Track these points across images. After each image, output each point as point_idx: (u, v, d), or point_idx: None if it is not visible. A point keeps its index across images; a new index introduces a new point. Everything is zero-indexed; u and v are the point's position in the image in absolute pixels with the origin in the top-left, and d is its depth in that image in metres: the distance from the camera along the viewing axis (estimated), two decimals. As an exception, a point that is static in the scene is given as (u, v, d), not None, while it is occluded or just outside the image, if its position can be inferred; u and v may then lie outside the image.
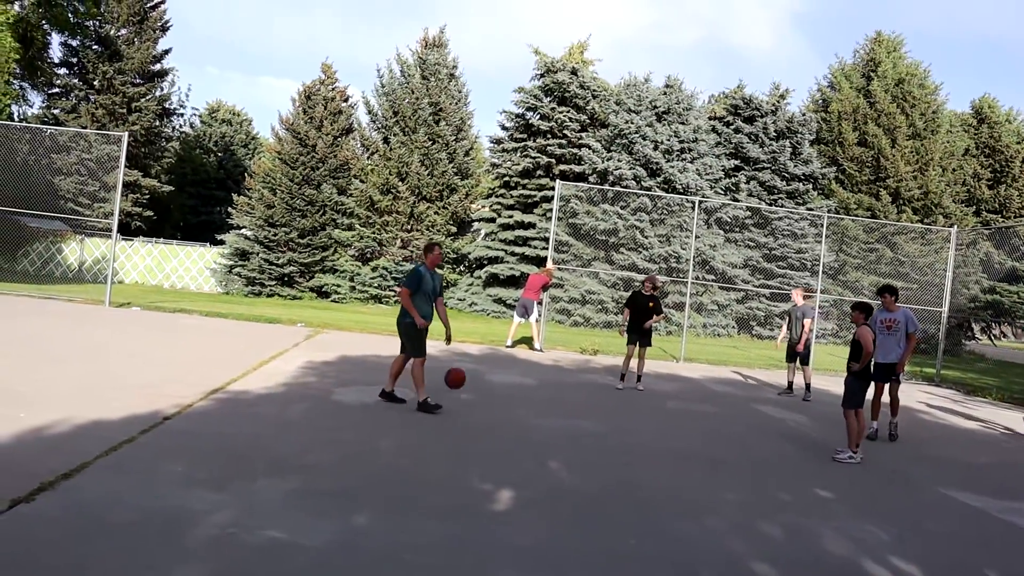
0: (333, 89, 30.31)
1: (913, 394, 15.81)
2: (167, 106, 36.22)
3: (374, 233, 27.58)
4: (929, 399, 15.26)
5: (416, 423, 8.28)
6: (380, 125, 29.09)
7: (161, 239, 34.95)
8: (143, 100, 33.75)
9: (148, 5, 34.26)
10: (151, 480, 5.50)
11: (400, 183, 27.51)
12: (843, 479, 7.71)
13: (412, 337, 9.10)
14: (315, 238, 28.53)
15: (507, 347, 16.83)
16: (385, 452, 6.95)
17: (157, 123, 35.26)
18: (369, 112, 29.43)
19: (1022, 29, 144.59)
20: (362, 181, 27.98)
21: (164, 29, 34.72)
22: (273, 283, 28.13)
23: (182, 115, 40.95)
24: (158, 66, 34.96)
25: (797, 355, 13.55)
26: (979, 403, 15.71)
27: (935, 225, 28.39)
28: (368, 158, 28.97)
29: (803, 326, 13.64)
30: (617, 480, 6.80)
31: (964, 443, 10.66)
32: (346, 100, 30.79)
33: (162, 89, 35.58)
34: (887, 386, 10.39)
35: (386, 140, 28.66)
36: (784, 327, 14.02)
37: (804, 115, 30.91)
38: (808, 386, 13.46)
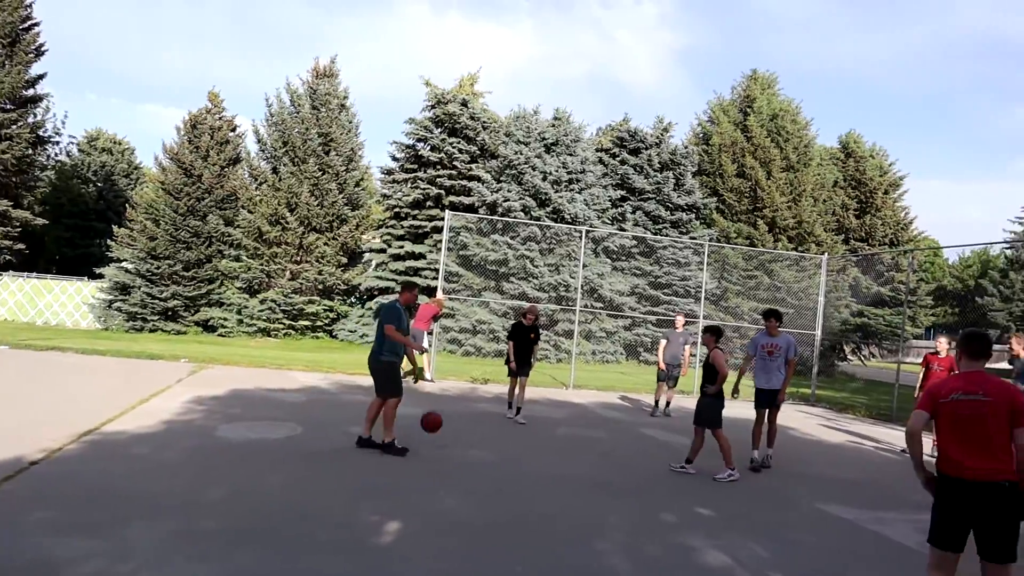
0: (220, 118, 29.68)
1: (789, 413, 16.48)
2: (41, 134, 34.63)
3: (262, 264, 27.01)
4: (804, 418, 15.94)
5: (305, 458, 8.14)
6: (269, 155, 28.62)
7: (34, 273, 33.25)
8: (14, 127, 32.19)
9: (20, 27, 32.80)
10: (14, 530, 5.22)
11: (289, 214, 27.08)
12: (724, 498, 7.97)
13: (393, 378, 9.01)
14: (200, 270, 27.73)
15: (398, 378, 16.74)
16: (271, 489, 6.81)
17: (30, 151, 33.66)
18: (258, 142, 28.92)
19: (884, 70, 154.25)
20: (250, 212, 27.41)
21: (39, 53, 33.23)
22: (156, 318, 27.15)
23: (58, 143, 39.21)
24: (31, 91, 33.45)
25: (671, 377, 14.20)
26: (849, 420, 16.52)
27: (808, 252, 29.81)
28: (256, 188, 28.43)
29: (686, 351, 14.31)
30: (507, 508, 6.85)
31: (836, 459, 11.18)
32: (234, 129, 30.18)
33: (36, 116, 34.00)
34: (768, 412, 10.19)
35: (275, 170, 28.21)
36: (663, 349, 14.40)
37: (686, 147, 32.03)
38: (668, 403, 14.45)
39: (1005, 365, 10.61)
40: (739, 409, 14.67)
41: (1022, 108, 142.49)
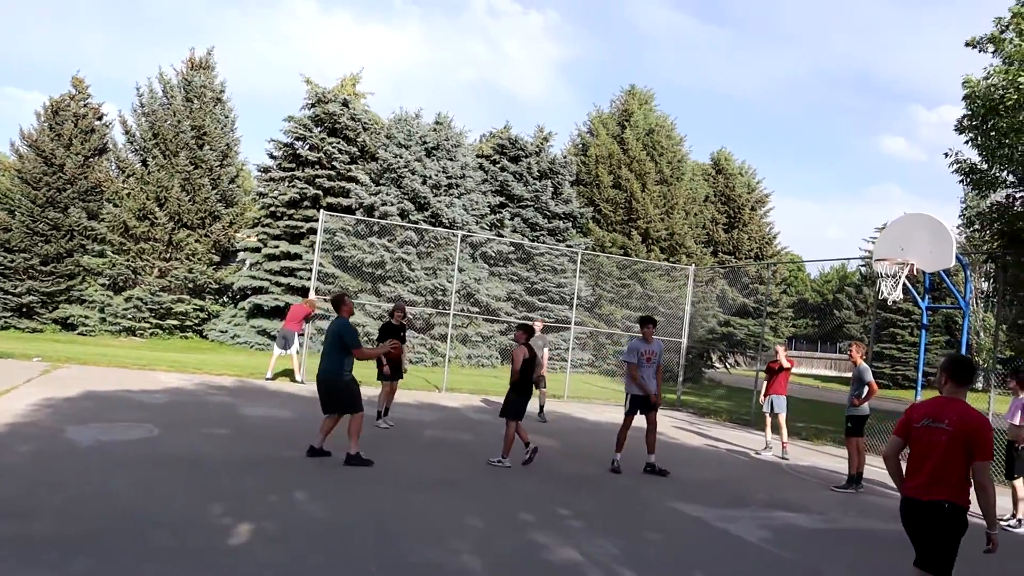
0: (85, 105, 28.26)
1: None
2: None
3: (128, 261, 25.89)
4: (668, 422, 16.49)
5: (158, 462, 7.87)
6: (138, 147, 27.43)
7: None
8: None
9: None
10: None
11: (158, 208, 26.07)
12: (581, 498, 8.16)
13: (356, 392, 8.98)
14: (60, 265, 26.35)
15: (267, 379, 16.41)
16: (118, 493, 6.55)
17: None
18: (126, 132, 27.68)
19: (755, 93, 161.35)
20: (116, 205, 26.23)
21: None
22: (8, 314, 25.64)
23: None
24: None
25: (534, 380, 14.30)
26: (711, 424, 17.25)
27: (679, 264, 30.89)
28: (123, 181, 27.22)
29: (544, 355, 14.47)
30: (364, 510, 6.83)
31: (693, 460, 11.64)
32: (100, 118, 28.78)
33: None
34: (647, 416, 10.30)
35: (144, 163, 27.08)
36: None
37: (565, 157, 32.69)
38: (542, 407, 14.42)
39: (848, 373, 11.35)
40: (609, 414, 15.15)
41: (880, 138, 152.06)
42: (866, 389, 10.52)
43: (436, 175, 26.95)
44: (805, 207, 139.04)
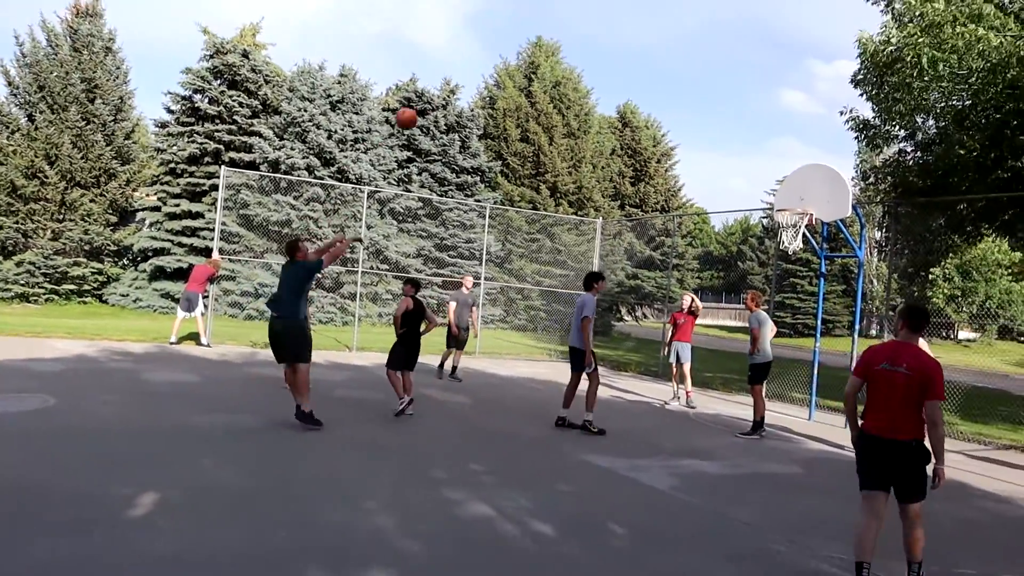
0: (-38, 58, 26.57)
1: (564, 371, 17.31)
2: None
3: (17, 223, 24.63)
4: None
5: (55, 432, 7.56)
6: (22, 100, 25.94)
7: None
8: None
9: None
10: None
11: (48, 167, 24.80)
12: (493, 454, 8.26)
13: (310, 340, 8.89)
14: (-60, 227, 24.93)
15: (171, 343, 15.98)
16: (9, 466, 6.27)
17: None
18: (8, 84, 26.12)
19: (660, 44, 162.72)
20: (1, 163, 24.88)
21: None
22: None
23: None
24: None
25: (456, 340, 14.33)
26: (622, 377, 17.64)
27: (587, 217, 31.22)
28: (8, 138, 25.78)
29: (473, 313, 14.58)
30: (272, 474, 6.72)
31: (605, 412, 11.76)
32: (-22, 71, 27.12)
33: None
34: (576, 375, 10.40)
35: (31, 118, 25.64)
36: (452, 311, 14.45)
37: (473, 111, 32.40)
38: (455, 367, 14.45)
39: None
40: (520, 369, 15.25)
41: (780, 92, 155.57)
42: (760, 336, 10.94)
43: (342, 129, 26.41)
44: (709, 159, 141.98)
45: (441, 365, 14.63)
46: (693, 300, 13.70)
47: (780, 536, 6.02)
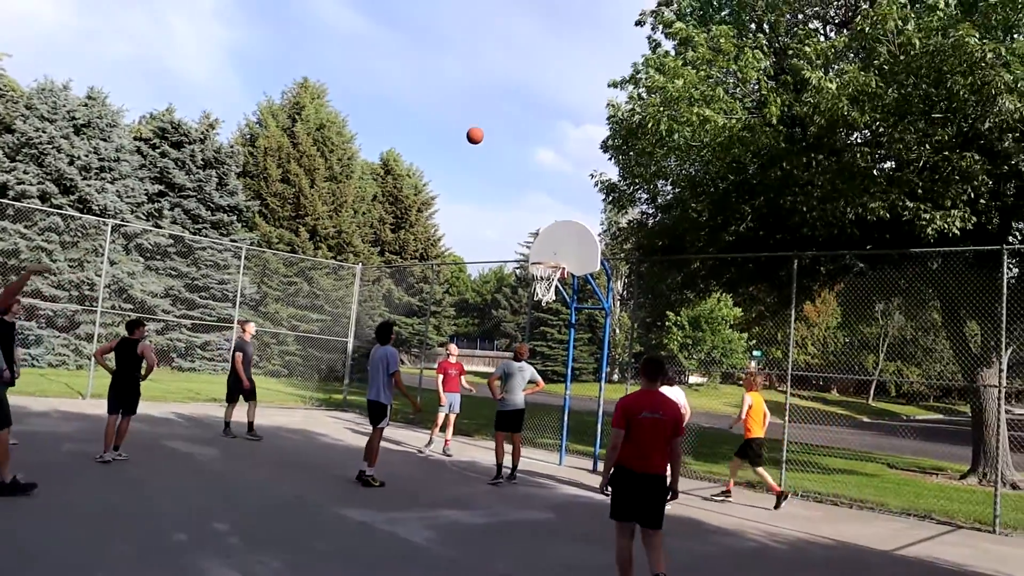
0: None
1: (320, 419, 17.05)
2: None
3: None
4: (335, 423, 16.55)
5: None
6: None
7: None
8: None
9: None
10: None
11: None
12: (244, 511, 7.87)
13: (5, 401, 7.64)
14: None
15: None
16: None
17: None
18: None
19: (423, 96, 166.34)
20: None
21: None
22: None
23: None
24: None
25: (242, 391, 13.24)
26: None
27: (346, 262, 31.00)
28: None
29: (235, 359, 13.34)
30: (-4, 540, 6.04)
31: (359, 462, 11.80)
32: None
33: None
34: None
35: None
36: (240, 363, 13.29)
37: (232, 147, 31.28)
38: (252, 423, 13.21)
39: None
40: (277, 418, 14.76)
41: (533, 150, 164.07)
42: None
43: (86, 155, 24.51)
44: (467, 211, 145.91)
45: (228, 424, 13.28)
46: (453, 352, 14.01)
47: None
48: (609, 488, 5.88)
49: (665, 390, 10.48)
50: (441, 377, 13.82)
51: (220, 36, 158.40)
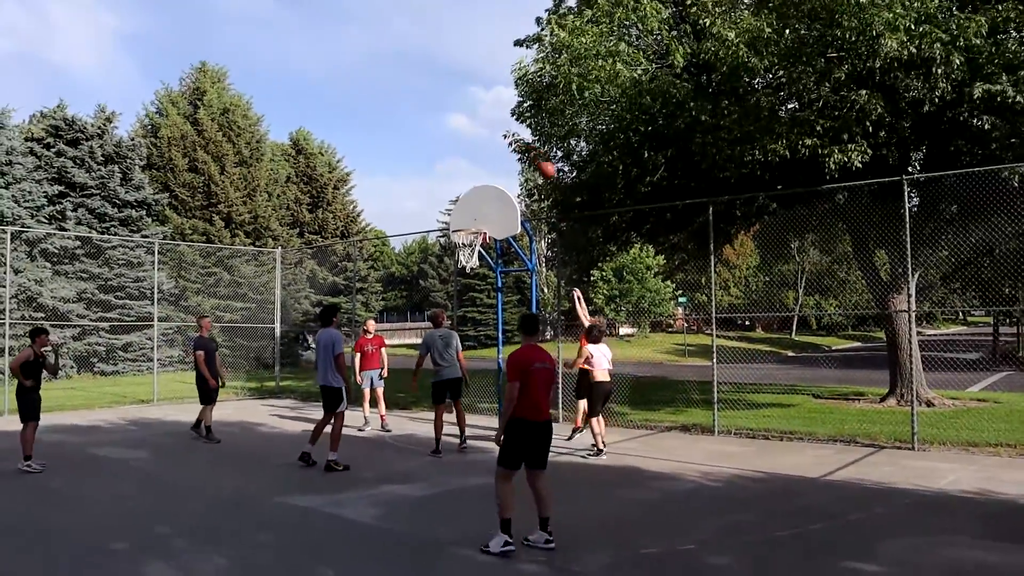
0: None
1: (255, 408, 16.87)
2: None
3: None
4: (269, 411, 16.38)
5: None
6: None
7: None
8: None
9: None
10: None
11: None
12: (180, 511, 7.79)
13: None
14: None
15: None
16: None
17: None
18: None
19: (327, 72, 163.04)
20: None
21: None
22: None
23: None
24: None
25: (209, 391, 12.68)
26: (313, 408, 17.35)
27: (265, 247, 30.47)
28: None
29: (197, 358, 12.80)
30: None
31: (296, 449, 11.69)
32: None
33: None
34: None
35: None
36: (202, 361, 12.79)
37: (133, 140, 30.35)
38: (208, 425, 12.67)
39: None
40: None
41: (446, 116, 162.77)
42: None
43: (-25, 163, 23.48)
44: (384, 183, 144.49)
45: (201, 423, 12.80)
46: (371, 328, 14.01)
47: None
48: (502, 438, 6.29)
49: (594, 348, 10.84)
50: (358, 356, 13.83)
51: (107, 23, 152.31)
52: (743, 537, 6.60)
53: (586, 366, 10.85)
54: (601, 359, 10.81)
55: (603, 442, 10.63)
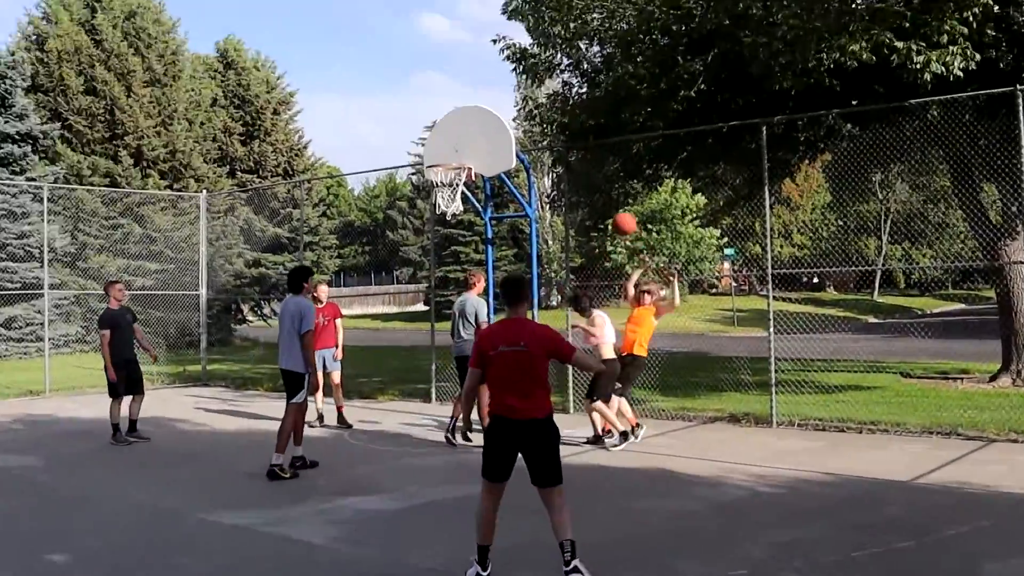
0: None
1: (174, 400, 16.80)
2: None
3: None
4: (193, 402, 16.34)
5: None
6: None
7: None
8: None
9: None
10: None
11: None
12: (84, 529, 7.75)
13: None
14: None
15: None
16: None
17: None
18: None
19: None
20: None
21: None
22: None
23: None
24: None
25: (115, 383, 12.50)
26: (252, 398, 17.37)
27: (186, 191, 30.33)
28: None
29: (101, 339, 12.65)
30: None
31: (228, 452, 11.61)
32: None
33: None
34: None
35: None
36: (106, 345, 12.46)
37: (13, 55, 30.26)
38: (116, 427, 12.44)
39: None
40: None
41: (418, 17, 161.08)
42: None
43: None
44: (340, 106, 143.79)
45: (116, 426, 12.50)
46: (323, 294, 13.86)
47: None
48: (470, 439, 6.05)
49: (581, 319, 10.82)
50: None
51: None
52: (809, 559, 6.53)
53: (594, 340, 10.79)
54: (611, 331, 10.88)
55: (603, 430, 10.87)
